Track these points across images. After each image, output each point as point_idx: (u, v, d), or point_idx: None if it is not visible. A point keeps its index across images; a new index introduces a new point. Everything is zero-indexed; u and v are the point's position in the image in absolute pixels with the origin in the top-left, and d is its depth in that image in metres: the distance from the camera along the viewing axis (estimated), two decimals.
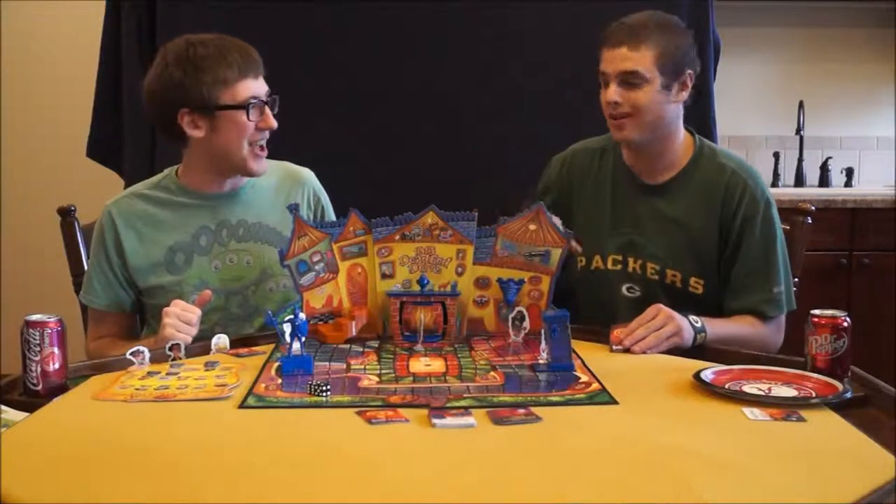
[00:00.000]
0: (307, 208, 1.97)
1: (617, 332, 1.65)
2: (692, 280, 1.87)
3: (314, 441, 1.18)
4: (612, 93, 1.81)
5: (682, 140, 1.91)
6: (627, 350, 1.61)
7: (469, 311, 1.74)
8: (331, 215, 1.99)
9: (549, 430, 1.20)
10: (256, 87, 1.80)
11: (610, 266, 1.91)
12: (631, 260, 1.90)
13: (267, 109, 1.82)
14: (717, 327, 1.73)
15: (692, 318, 1.68)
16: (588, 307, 1.93)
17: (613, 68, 1.81)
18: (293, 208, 1.70)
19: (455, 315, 1.69)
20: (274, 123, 1.83)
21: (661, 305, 1.67)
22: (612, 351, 1.62)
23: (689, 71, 1.85)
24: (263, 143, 1.84)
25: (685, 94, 1.86)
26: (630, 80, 1.79)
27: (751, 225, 1.84)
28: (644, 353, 1.60)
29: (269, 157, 1.98)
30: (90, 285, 1.88)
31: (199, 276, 1.85)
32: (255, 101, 1.79)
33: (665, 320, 1.63)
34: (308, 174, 2.01)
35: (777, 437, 1.19)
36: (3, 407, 1.30)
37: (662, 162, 1.90)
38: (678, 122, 1.89)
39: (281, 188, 1.95)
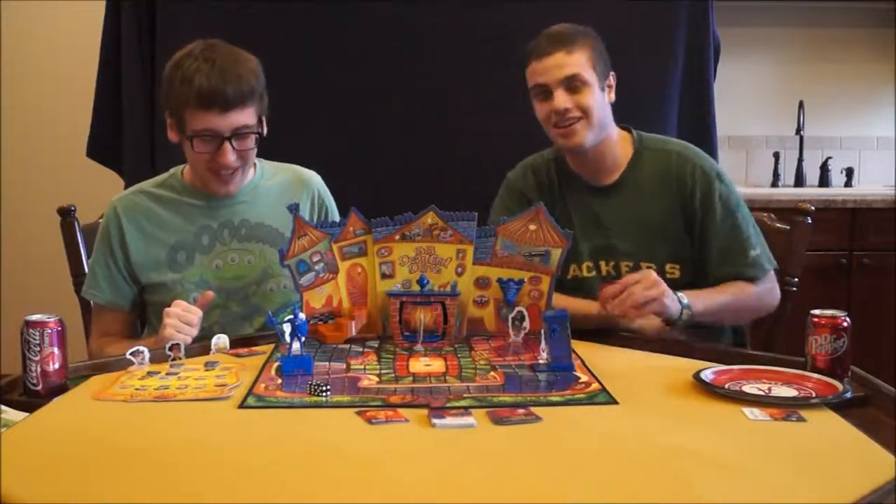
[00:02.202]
0: (311, 211, 1.97)
1: (606, 290, 1.67)
2: (668, 267, 1.88)
3: (314, 441, 1.18)
4: (562, 100, 1.82)
5: (618, 138, 1.93)
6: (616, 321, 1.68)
7: (469, 311, 1.74)
8: (336, 219, 1.98)
9: (549, 430, 1.20)
10: (217, 121, 1.73)
11: (585, 273, 1.92)
12: (603, 263, 1.91)
13: (227, 145, 1.75)
14: (707, 298, 1.77)
15: (679, 294, 1.71)
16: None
17: (553, 76, 1.82)
18: (293, 208, 1.70)
19: (455, 315, 1.69)
20: (227, 161, 1.76)
21: (651, 271, 1.71)
22: (603, 311, 1.68)
23: (612, 72, 1.90)
24: (228, 172, 1.80)
25: (613, 96, 1.90)
26: (573, 83, 1.82)
27: (710, 201, 1.86)
28: (626, 316, 1.67)
29: (270, 157, 1.99)
30: (94, 280, 1.88)
31: (199, 275, 1.86)
32: (205, 135, 1.75)
33: (650, 284, 1.65)
34: (314, 177, 2.01)
35: (777, 437, 1.19)
36: (3, 407, 1.30)
37: (606, 162, 1.92)
38: (611, 124, 1.92)
39: (286, 190, 1.95)
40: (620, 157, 1.92)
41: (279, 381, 1.42)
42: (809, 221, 2.02)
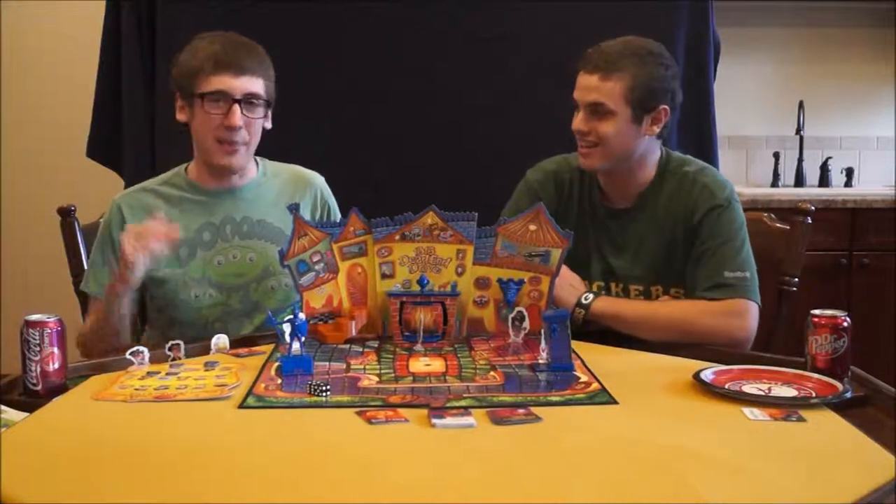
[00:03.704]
0: (314, 212, 1.97)
1: None
2: (673, 291, 1.86)
3: (314, 441, 1.18)
4: (579, 122, 1.80)
5: (653, 163, 1.88)
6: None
7: (469, 312, 1.74)
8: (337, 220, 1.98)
9: (549, 430, 1.20)
10: (232, 83, 1.79)
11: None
12: (613, 285, 1.89)
13: (235, 108, 1.79)
14: (619, 305, 1.76)
15: (588, 294, 1.76)
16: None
17: (582, 97, 1.80)
18: (293, 208, 1.70)
19: (455, 315, 1.69)
20: (235, 122, 1.79)
21: (565, 273, 1.75)
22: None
23: (664, 106, 1.80)
24: (231, 139, 1.82)
25: (657, 129, 1.82)
26: (597, 110, 1.78)
27: (706, 219, 1.79)
28: None
29: (270, 157, 1.99)
30: (95, 276, 1.87)
31: (201, 271, 1.86)
32: (217, 95, 1.79)
33: (558, 283, 1.72)
34: (317, 178, 2.02)
35: (777, 437, 1.19)
36: (3, 407, 1.30)
37: (631, 187, 1.88)
38: (650, 153, 1.86)
39: (286, 189, 1.96)
40: (646, 182, 1.87)
41: (279, 381, 1.42)
42: (809, 221, 2.01)
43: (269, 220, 1.91)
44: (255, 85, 1.82)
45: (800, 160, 3.76)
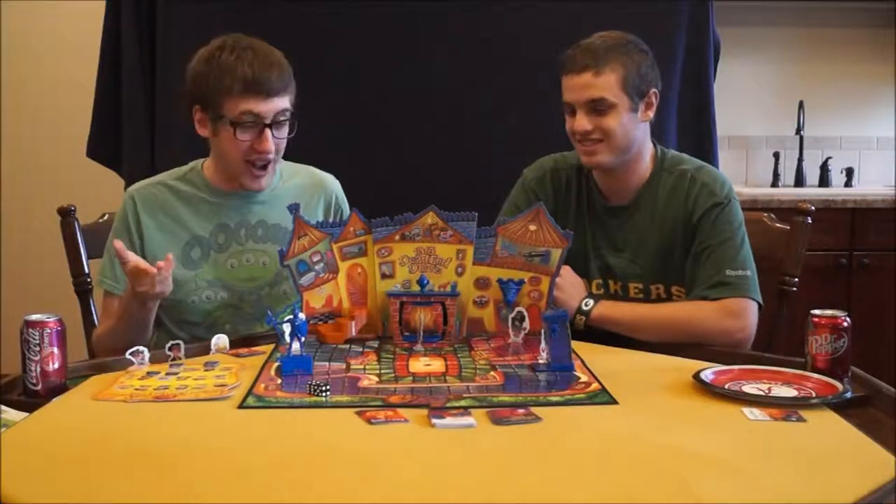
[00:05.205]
0: (326, 215, 1.96)
1: None
2: (674, 289, 1.86)
3: (314, 441, 1.18)
4: (583, 122, 1.79)
5: (649, 158, 1.89)
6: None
7: (469, 312, 1.74)
8: None
9: (549, 430, 1.20)
10: (261, 106, 1.74)
11: (594, 291, 1.88)
12: (611, 282, 1.89)
13: (267, 132, 1.76)
14: (618, 309, 1.76)
15: (588, 300, 1.75)
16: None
17: (578, 97, 1.79)
18: (293, 208, 1.70)
19: (455, 315, 1.69)
20: (268, 148, 1.77)
21: (569, 276, 1.77)
22: None
23: (654, 90, 1.83)
24: (264, 163, 1.80)
25: (651, 114, 1.84)
26: (597, 106, 1.78)
27: (706, 217, 1.80)
28: None
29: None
30: (111, 269, 1.84)
31: (213, 273, 1.85)
32: (248, 120, 1.75)
33: (559, 284, 1.73)
34: (331, 180, 2.01)
35: (777, 437, 1.19)
36: (3, 407, 1.30)
37: (630, 182, 1.88)
38: (646, 142, 1.88)
39: (302, 193, 1.94)
40: (643, 178, 1.87)
41: (279, 381, 1.42)
42: (809, 221, 2.01)
43: (285, 224, 1.89)
44: (284, 102, 1.78)
45: (800, 160, 3.76)
